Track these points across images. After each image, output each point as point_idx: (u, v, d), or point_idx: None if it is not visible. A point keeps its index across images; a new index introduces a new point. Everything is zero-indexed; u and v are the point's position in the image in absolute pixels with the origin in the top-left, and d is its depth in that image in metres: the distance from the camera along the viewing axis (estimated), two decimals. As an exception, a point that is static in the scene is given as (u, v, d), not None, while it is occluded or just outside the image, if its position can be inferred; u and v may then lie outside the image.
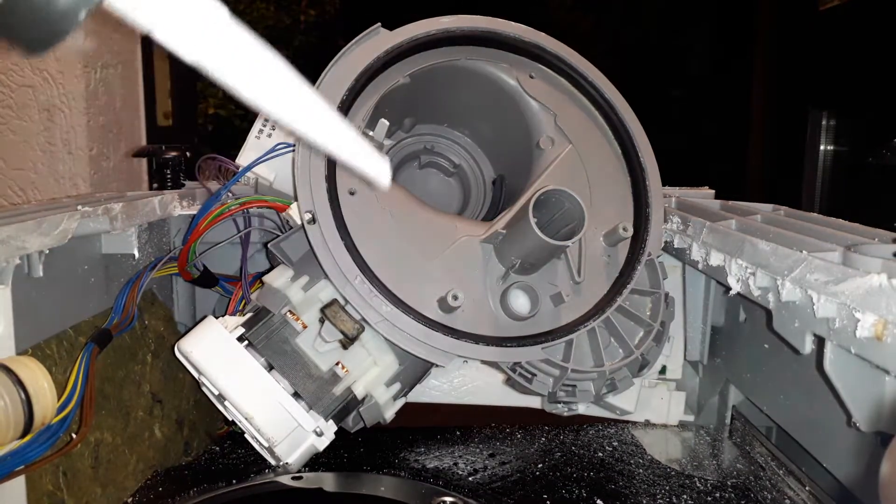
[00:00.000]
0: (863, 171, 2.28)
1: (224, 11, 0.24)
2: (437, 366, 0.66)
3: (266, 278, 0.68)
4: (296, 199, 0.64)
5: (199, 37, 0.23)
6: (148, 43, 1.52)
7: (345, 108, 0.66)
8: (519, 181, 0.77)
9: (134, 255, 0.71)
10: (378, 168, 0.29)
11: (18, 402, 0.47)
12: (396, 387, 0.68)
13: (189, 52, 0.24)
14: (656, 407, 0.85)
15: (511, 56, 0.75)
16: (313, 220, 0.62)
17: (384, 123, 0.73)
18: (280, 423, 0.62)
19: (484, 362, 0.86)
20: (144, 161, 1.47)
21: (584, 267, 0.68)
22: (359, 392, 0.65)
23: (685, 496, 0.68)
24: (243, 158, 0.80)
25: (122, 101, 1.43)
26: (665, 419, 0.85)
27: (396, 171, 0.85)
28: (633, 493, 0.68)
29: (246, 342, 0.64)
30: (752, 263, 0.59)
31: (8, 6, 0.21)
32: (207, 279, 0.81)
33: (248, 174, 0.79)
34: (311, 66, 0.55)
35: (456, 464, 0.74)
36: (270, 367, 0.63)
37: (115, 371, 0.66)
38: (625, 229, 0.69)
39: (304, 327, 0.65)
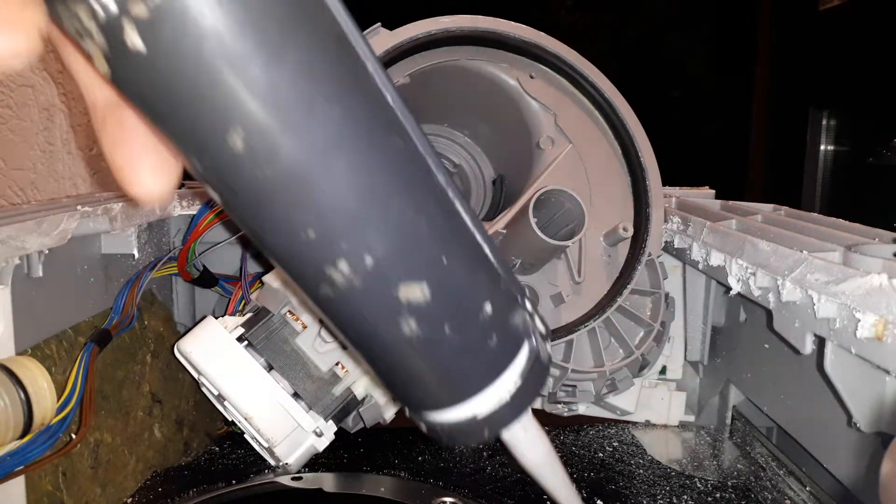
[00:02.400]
0: (863, 171, 2.28)
1: None
2: (437, 366, 0.65)
3: (266, 278, 0.68)
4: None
5: None
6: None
7: (345, 108, 0.66)
8: (519, 181, 0.77)
9: (134, 255, 0.71)
10: None
11: (18, 403, 0.47)
12: (396, 387, 0.68)
13: None
14: (656, 407, 0.85)
15: (511, 56, 0.75)
16: (313, 220, 0.62)
17: (384, 123, 0.73)
18: (280, 424, 0.62)
19: (484, 362, 0.86)
20: (144, 161, 1.46)
21: (584, 267, 0.68)
22: (359, 392, 0.65)
23: (686, 496, 0.68)
24: (243, 158, 0.80)
25: (122, 101, 1.43)
26: (665, 419, 0.85)
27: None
28: (634, 493, 0.68)
29: (246, 342, 0.63)
30: (752, 263, 0.59)
31: None
32: (207, 279, 0.81)
33: (248, 174, 0.79)
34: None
35: (456, 464, 0.74)
36: (270, 368, 0.63)
37: (114, 371, 0.66)
38: (625, 229, 0.69)
39: (304, 327, 0.64)
